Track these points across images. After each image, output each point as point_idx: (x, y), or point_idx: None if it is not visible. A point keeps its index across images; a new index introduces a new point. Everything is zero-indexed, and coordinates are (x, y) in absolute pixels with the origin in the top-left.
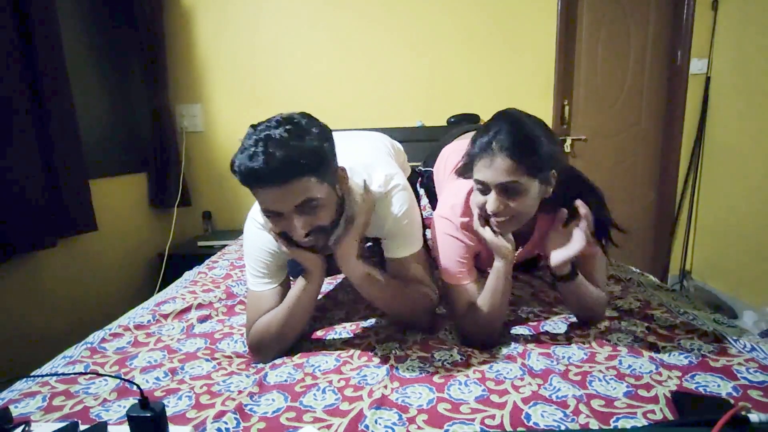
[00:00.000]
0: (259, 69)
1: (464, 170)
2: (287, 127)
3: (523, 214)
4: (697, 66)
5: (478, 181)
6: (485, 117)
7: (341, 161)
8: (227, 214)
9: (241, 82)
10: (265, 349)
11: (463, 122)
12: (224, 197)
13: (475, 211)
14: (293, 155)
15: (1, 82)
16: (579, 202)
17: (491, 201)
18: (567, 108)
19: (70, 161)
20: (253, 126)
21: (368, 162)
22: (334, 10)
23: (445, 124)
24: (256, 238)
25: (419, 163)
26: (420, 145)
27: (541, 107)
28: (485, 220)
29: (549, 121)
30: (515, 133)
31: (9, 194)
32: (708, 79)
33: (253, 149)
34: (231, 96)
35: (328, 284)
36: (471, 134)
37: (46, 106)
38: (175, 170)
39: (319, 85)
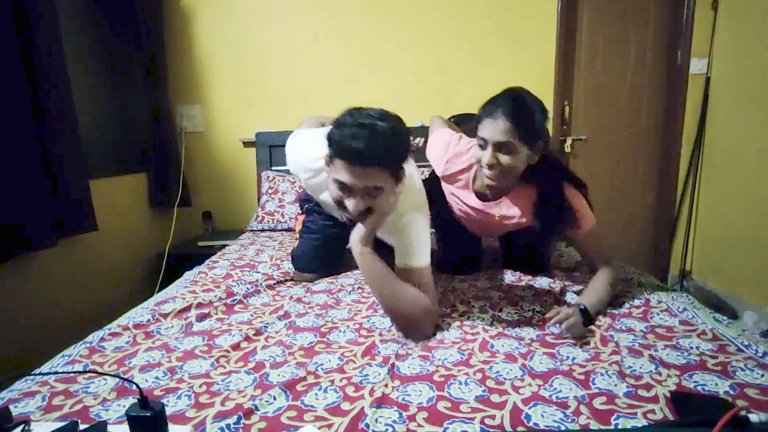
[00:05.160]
0: (259, 69)
1: (465, 122)
2: (390, 124)
3: (511, 171)
4: (697, 66)
5: (480, 138)
6: None
7: None
8: (227, 214)
9: (240, 83)
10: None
11: (463, 122)
12: (224, 197)
13: (475, 163)
14: (388, 151)
15: (0, 82)
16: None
17: (487, 155)
18: (567, 108)
19: (70, 161)
20: (354, 109)
21: None
22: (335, 11)
23: None
24: (305, 152)
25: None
26: None
27: None
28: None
29: (549, 122)
30: (518, 104)
31: (9, 194)
32: (708, 79)
33: (356, 131)
34: (230, 96)
35: (329, 283)
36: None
37: (46, 106)
38: (175, 170)
39: (319, 84)
